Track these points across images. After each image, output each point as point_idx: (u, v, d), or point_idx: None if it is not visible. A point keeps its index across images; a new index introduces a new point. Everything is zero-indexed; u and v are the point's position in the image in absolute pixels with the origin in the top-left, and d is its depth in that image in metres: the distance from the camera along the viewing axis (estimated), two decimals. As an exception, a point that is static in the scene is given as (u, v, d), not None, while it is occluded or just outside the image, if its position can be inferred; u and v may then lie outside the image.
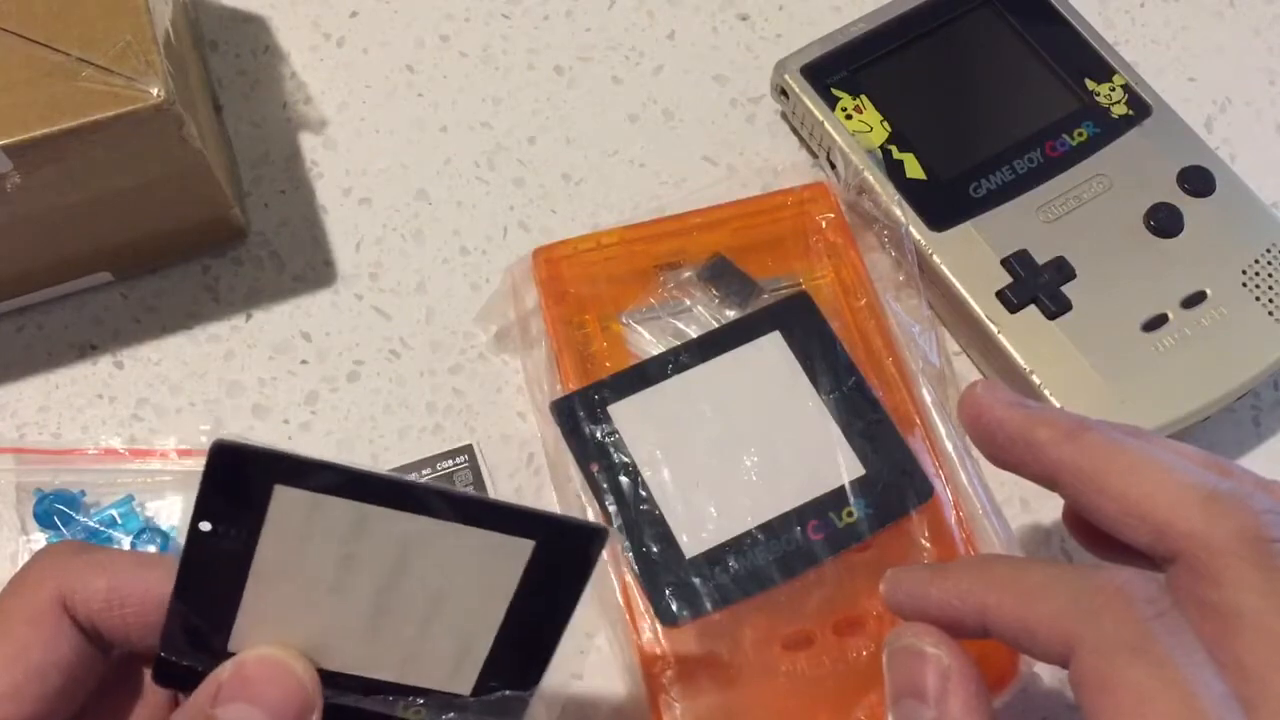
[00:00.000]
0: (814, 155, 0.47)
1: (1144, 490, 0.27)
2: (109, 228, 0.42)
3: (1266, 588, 0.24)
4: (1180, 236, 0.42)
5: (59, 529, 0.40)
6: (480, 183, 0.48)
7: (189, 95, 0.40)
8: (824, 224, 0.43)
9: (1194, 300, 0.41)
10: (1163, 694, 0.23)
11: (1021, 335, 0.41)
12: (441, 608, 0.27)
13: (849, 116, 0.45)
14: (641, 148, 0.48)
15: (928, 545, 0.37)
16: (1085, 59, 0.46)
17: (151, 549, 0.40)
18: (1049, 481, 0.29)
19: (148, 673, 0.29)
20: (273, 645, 0.27)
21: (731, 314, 0.41)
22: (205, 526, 0.26)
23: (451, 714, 0.29)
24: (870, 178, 0.44)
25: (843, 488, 0.37)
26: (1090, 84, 0.45)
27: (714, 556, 0.36)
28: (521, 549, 0.27)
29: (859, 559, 0.37)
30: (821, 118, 0.45)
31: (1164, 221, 0.42)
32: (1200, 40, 0.51)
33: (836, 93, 0.45)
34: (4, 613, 0.27)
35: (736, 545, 0.37)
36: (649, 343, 0.41)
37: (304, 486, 0.25)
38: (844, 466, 0.38)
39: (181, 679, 0.27)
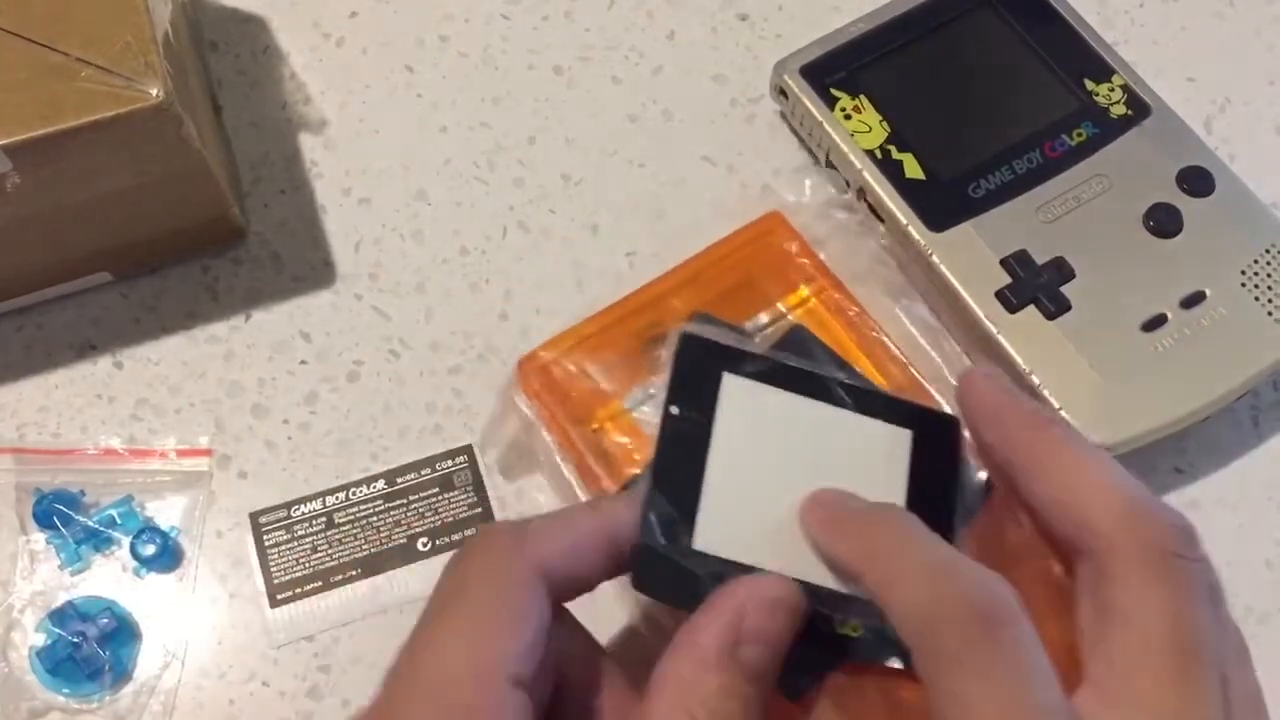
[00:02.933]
0: (813, 155, 0.47)
1: (1081, 484, 0.29)
2: (109, 228, 0.42)
3: (1156, 595, 0.27)
4: (1180, 236, 0.42)
5: (58, 529, 0.40)
6: (480, 183, 0.48)
7: (189, 95, 0.40)
8: (793, 249, 0.43)
9: (1193, 300, 0.41)
10: (983, 704, 0.25)
11: (1021, 335, 0.41)
12: None
13: (848, 116, 0.45)
14: (641, 148, 0.48)
15: None
16: (1084, 59, 0.46)
17: (151, 549, 0.40)
18: (1006, 460, 0.31)
19: (610, 670, 0.29)
20: (770, 578, 0.28)
21: None
22: (674, 410, 0.30)
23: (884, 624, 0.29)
24: (869, 178, 0.44)
25: None
26: (1089, 84, 0.45)
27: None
28: (902, 440, 0.31)
29: None
30: (820, 118, 0.45)
31: (1163, 221, 0.42)
32: (1200, 40, 0.51)
33: (836, 93, 0.45)
34: (495, 583, 0.27)
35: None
36: None
37: (744, 374, 0.31)
38: None
39: (655, 582, 0.29)
